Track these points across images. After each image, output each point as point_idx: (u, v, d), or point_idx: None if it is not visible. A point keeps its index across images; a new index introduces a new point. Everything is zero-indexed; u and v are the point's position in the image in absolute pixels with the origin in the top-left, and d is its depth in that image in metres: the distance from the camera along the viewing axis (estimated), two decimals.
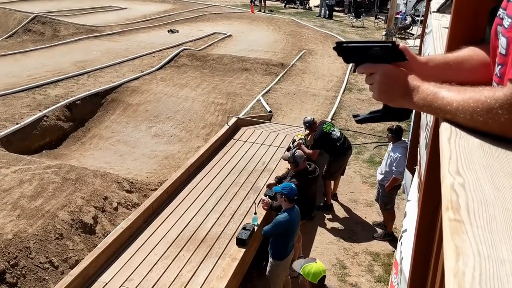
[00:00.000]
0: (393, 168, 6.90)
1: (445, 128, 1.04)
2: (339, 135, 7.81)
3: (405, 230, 3.36)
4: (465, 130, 1.02)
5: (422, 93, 1.14)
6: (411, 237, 2.82)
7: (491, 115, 0.96)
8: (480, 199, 0.76)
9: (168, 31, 19.55)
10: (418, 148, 3.90)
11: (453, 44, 1.47)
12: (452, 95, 1.07)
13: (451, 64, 1.34)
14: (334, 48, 1.28)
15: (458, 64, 1.33)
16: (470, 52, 1.36)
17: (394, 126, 7.07)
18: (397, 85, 1.19)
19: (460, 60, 1.34)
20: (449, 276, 0.61)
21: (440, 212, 1.42)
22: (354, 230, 7.62)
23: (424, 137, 2.92)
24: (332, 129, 7.82)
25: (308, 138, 8.10)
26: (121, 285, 4.88)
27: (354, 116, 1.37)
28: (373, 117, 1.34)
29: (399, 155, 6.86)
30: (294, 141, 8.15)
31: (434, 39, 2.63)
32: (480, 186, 0.80)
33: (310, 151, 7.58)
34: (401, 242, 3.38)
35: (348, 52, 1.27)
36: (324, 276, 4.23)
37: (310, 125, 7.86)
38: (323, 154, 7.96)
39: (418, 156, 3.75)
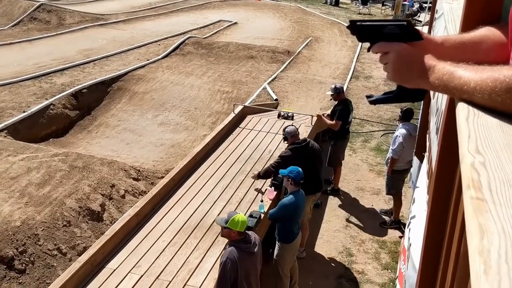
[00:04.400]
0: (390, 148, 6.82)
1: (463, 108, 1.02)
2: (350, 119, 8.19)
3: (414, 217, 3.34)
4: (482, 110, 1.00)
5: (437, 72, 1.11)
6: (420, 223, 2.80)
7: (510, 95, 0.94)
8: (502, 178, 0.74)
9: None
10: (428, 134, 3.86)
11: (468, 24, 1.44)
12: (469, 74, 1.03)
13: (467, 44, 1.30)
14: (348, 27, 1.24)
15: (475, 44, 1.29)
16: (487, 32, 1.32)
17: (406, 107, 7.06)
18: (412, 64, 1.16)
19: (477, 40, 1.30)
20: (474, 254, 0.59)
21: (452, 195, 1.40)
22: (360, 217, 7.62)
23: (434, 122, 2.88)
24: (351, 111, 8.16)
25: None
26: (129, 272, 4.90)
27: (368, 96, 1.34)
28: (387, 98, 1.31)
29: (398, 135, 6.80)
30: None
31: (446, 22, 2.58)
32: (501, 164, 0.78)
33: (333, 122, 7.80)
34: (410, 229, 3.36)
35: (362, 30, 1.23)
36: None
37: (339, 92, 7.96)
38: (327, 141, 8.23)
39: (428, 142, 3.71)
